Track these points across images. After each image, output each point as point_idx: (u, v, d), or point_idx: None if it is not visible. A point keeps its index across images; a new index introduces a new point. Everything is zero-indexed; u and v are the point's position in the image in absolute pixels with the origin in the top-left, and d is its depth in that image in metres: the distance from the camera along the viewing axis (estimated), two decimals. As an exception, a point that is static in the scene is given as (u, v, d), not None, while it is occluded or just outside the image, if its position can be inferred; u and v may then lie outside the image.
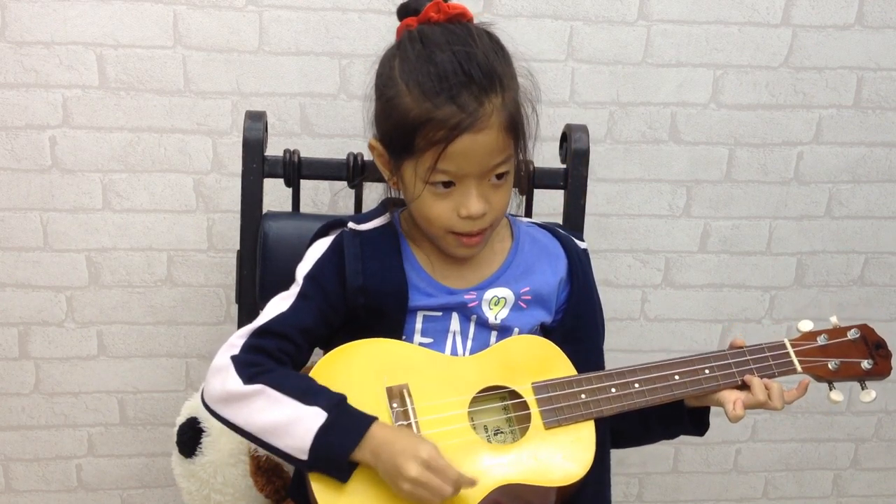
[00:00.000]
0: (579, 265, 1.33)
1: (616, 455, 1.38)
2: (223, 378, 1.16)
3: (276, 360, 1.18)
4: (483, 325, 1.27)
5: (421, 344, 1.25)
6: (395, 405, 1.17)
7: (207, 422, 1.42)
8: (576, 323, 1.31)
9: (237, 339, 1.19)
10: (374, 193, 1.43)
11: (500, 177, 1.18)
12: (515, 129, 1.18)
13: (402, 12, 1.23)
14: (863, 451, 2.14)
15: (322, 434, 1.11)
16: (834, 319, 1.30)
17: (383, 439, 1.11)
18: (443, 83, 1.13)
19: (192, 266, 1.83)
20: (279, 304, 1.23)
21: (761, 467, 2.12)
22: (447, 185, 1.17)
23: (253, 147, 1.46)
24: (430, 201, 1.18)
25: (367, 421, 1.12)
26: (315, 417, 1.12)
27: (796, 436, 2.10)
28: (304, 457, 1.11)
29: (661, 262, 1.94)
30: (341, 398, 1.14)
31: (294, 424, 1.12)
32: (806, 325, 1.30)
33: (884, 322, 2.03)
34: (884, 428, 2.12)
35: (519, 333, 1.27)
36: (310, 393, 1.14)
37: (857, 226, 1.96)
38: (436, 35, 1.17)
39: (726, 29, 1.80)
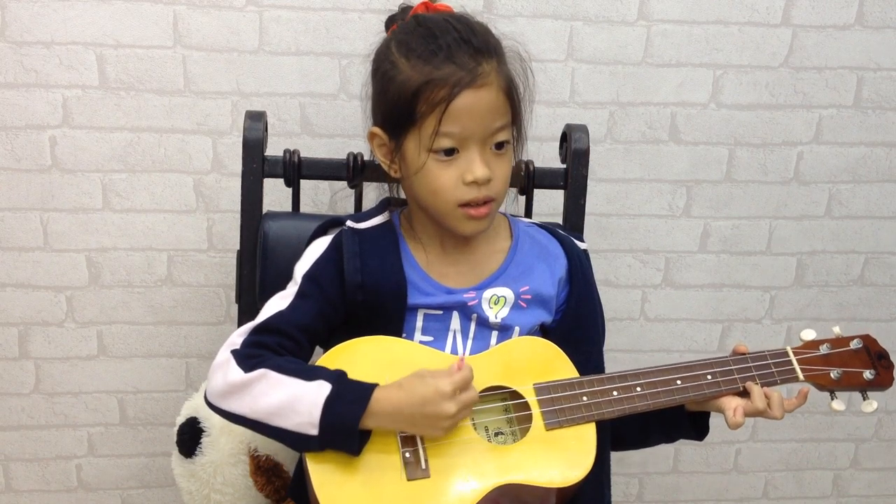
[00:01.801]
0: (579, 266, 1.33)
1: (616, 455, 1.38)
2: (224, 372, 1.16)
3: (276, 354, 1.19)
4: (483, 324, 1.27)
5: (421, 342, 1.25)
6: (396, 403, 1.17)
7: (207, 422, 1.42)
8: (576, 323, 1.31)
9: (237, 338, 1.20)
10: (373, 193, 1.43)
11: (500, 146, 1.20)
12: (512, 98, 1.21)
13: (390, 23, 1.27)
14: (863, 451, 2.14)
15: (330, 404, 1.11)
16: (837, 329, 1.30)
17: (395, 400, 1.12)
18: (440, 45, 1.16)
19: (192, 266, 1.83)
20: (278, 302, 1.24)
21: (761, 467, 2.12)
22: (450, 152, 1.18)
23: (253, 147, 1.46)
24: (435, 172, 1.18)
25: (370, 386, 1.13)
26: (319, 389, 1.12)
27: (796, 436, 2.10)
28: (315, 431, 1.11)
29: (661, 262, 1.94)
30: (341, 371, 1.15)
31: (300, 400, 1.12)
32: (809, 334, 1.30)
33: (884, 322, 2.03)
34: (884, 428, 2.12)
35: (519, 332, 1.28)
36: (310, 370, 1.15)
37: (857, 226, 1.96)
38: (432, 16, 1.22)
39: (726, 29, 1.80)
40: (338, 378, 1.14)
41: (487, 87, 1.17)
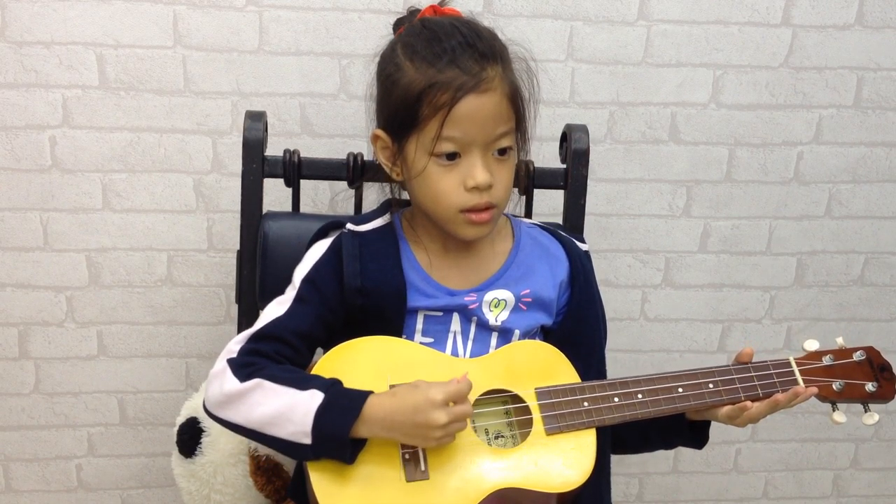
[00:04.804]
0: (581, 268, 1.33)
1: (616, 455, 1.38)
2: (220, 381, 1.16)
3: (273, 361, 1.18)
4: (483, 326, 1.27)
5: (421, 343, 1.25)
6: (397, 404, 1.17)
7: (207, 422, 1.42)
8: (577, 326, 1.31)
9: (234, 345, 1.20)
10: (373, 194, 1.43)
11: (503, 152, 1.19)
12: (517, 104, 1.20)
13: (397, 25, 1.27)
14: (863, 451, 2.14)
15: (321, 413, 1.11)
16: (840, 340, 1.30)
17: (388, 408, 1.11)
18: (445, 49, 1.16)
19: (192, 266, 1.83)
20: (275, 308, 1.23)
21: (761, 467, 2.12)
22: (452, 157, 1.17)
23: (253, 147, 1.46)
24: (436, 176, 1.18)
25: (362, 395, 1.13)
26: (312, 399, 1.12)
27: (796, 436, 2.10)
28: (308, 440, 1.11)
29: (661, 262, 1.94)
30: (336, 380, 1.15)
31: (293, 410, 1.12)
32: (812, 345, 1.29)
33: (884, 322, 2.03)
34: (884, 428, 2.12)
35: (519, 335, 1.27)
36: (304, 379, 1.15)
37: (857, 226, 1.96)
38: (439, 20, 1.21)
39: (726, 29, 1.80)
40: (331, 386, 1.13)
41: (491, 93, 1.16)
